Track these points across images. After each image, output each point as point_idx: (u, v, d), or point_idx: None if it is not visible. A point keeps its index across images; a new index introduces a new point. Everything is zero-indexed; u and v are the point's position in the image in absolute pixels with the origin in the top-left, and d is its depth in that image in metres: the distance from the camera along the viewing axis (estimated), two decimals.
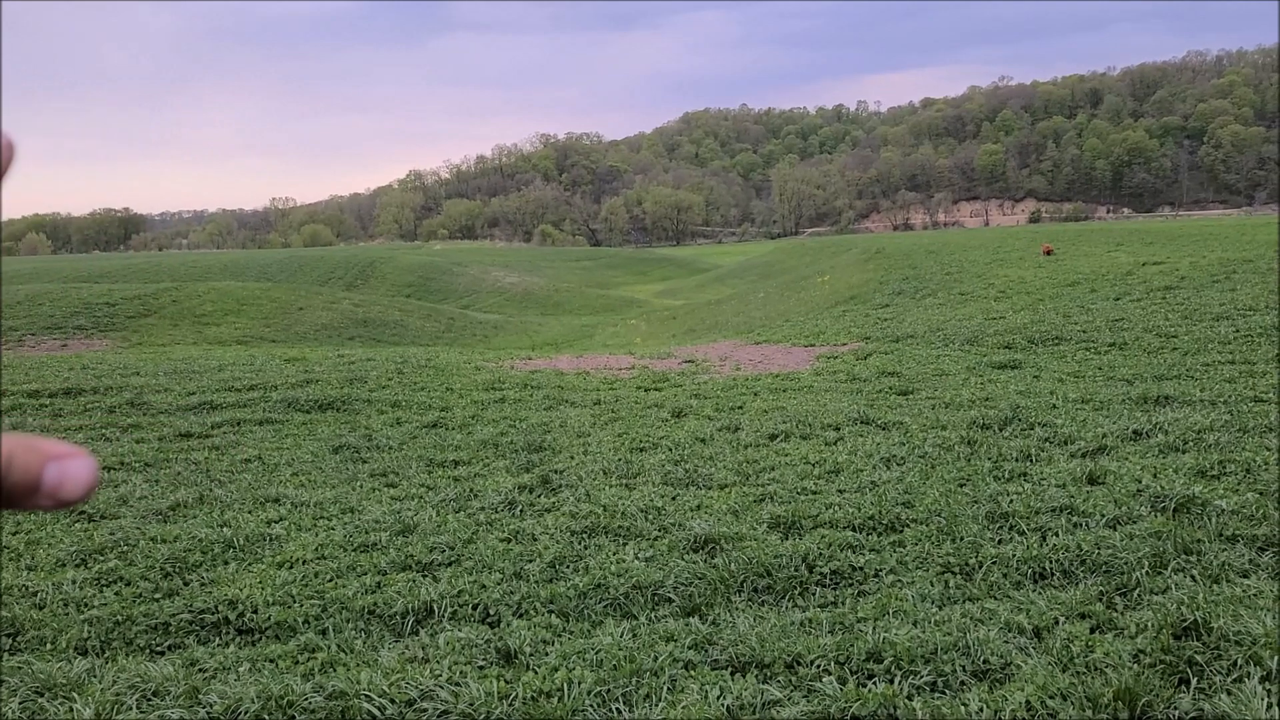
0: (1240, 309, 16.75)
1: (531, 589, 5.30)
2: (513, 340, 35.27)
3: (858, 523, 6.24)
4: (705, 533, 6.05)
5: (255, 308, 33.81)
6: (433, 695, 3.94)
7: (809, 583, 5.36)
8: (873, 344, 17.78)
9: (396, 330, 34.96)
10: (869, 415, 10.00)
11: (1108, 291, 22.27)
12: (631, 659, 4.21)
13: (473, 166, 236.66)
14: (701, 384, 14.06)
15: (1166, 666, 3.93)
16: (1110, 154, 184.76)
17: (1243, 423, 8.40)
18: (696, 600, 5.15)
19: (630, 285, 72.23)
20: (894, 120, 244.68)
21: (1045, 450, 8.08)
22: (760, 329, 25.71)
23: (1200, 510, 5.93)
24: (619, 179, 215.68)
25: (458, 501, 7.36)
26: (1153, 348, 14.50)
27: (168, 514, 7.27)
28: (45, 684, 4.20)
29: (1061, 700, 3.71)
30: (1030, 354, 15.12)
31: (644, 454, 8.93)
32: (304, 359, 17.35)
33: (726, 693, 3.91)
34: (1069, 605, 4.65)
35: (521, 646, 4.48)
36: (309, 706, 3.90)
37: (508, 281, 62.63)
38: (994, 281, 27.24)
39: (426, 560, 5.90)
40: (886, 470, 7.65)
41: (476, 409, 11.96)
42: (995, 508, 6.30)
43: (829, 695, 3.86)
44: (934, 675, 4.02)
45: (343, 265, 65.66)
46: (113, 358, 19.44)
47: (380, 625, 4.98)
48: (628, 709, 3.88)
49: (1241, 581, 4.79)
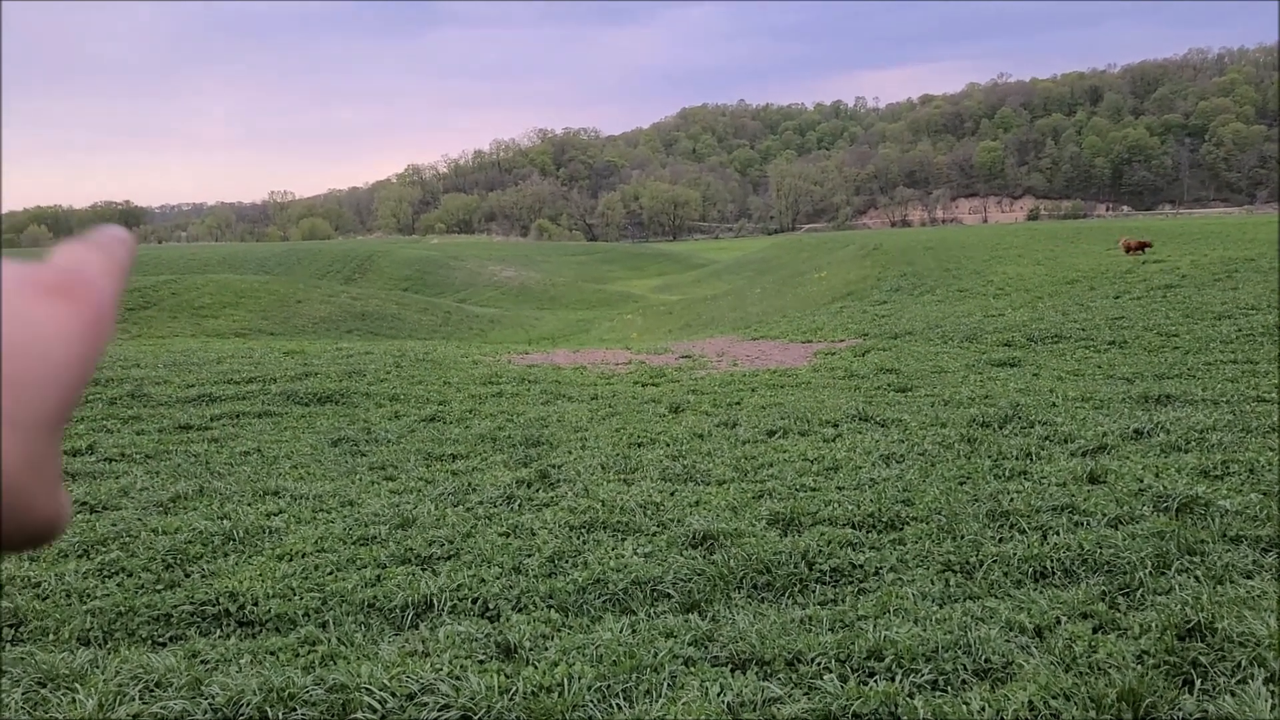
0: (1242, 308, 16.74)
1: (531, 583, 5.29)
2: (509, 334, 35.27)
3: (857, 520, 6.22)
4: (704, 529, 6.03)
5: (254, 300, 33.80)
6: (433, 689, 3.93)
7: (809, 580, 5.34)
8: (871, 340, 17.77)
9: (394, 324, 34.95)
10: (867, 412, 9.98)
11: (1107, 289, 22.26)
12: (631, 655, 4.19)
13: (470, 161, 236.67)
14: (699, 379, 14.05)
15: (1170, 667, 3.92)
16: (1110, 151, 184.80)
17: (1246, 422, 8.39)
18: (696, 596, 5.14)
19: (627, 280, 72.20)
20: (892, 116, 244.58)
21: (1045, 449, 8.06)
22: (757, 325, 25.69)
23: (1203, 510, 5.91)
24: (616, 174, 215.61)
25: (456, 495, 7.34)
26: (1153, 346, 14.48)
27: (168, 505, 7.25)
28: (48, 674, 4.19)
29: (1064, 700, 3.69)
30: (1030, 351, 15.10)
31: (642, 449, 8.91)
32: (302, 352, 17.32)
33: (727, 689, 3.90)
34: (1071, 605, 4.64)
35: (521, 641, 4.46)
36: (310, 699, 3.89)
37: (504, 276, 62.60)
38: (993, 278, 27.23)
39: (426, 554, 5.89)
40: (886, 467, 7.63)
41: (474, 403, 11.94)
42: (996, 506, 6.29)
43: (830, 693, 3.85)
44: (935, 674, 4.01)
45: (341, 259, 65.60)
46: (113, 349, 19.36)
47: (380, 618, 4.96)
48: (628, 705, 3.87)
49: (1245, 583, 4.78)
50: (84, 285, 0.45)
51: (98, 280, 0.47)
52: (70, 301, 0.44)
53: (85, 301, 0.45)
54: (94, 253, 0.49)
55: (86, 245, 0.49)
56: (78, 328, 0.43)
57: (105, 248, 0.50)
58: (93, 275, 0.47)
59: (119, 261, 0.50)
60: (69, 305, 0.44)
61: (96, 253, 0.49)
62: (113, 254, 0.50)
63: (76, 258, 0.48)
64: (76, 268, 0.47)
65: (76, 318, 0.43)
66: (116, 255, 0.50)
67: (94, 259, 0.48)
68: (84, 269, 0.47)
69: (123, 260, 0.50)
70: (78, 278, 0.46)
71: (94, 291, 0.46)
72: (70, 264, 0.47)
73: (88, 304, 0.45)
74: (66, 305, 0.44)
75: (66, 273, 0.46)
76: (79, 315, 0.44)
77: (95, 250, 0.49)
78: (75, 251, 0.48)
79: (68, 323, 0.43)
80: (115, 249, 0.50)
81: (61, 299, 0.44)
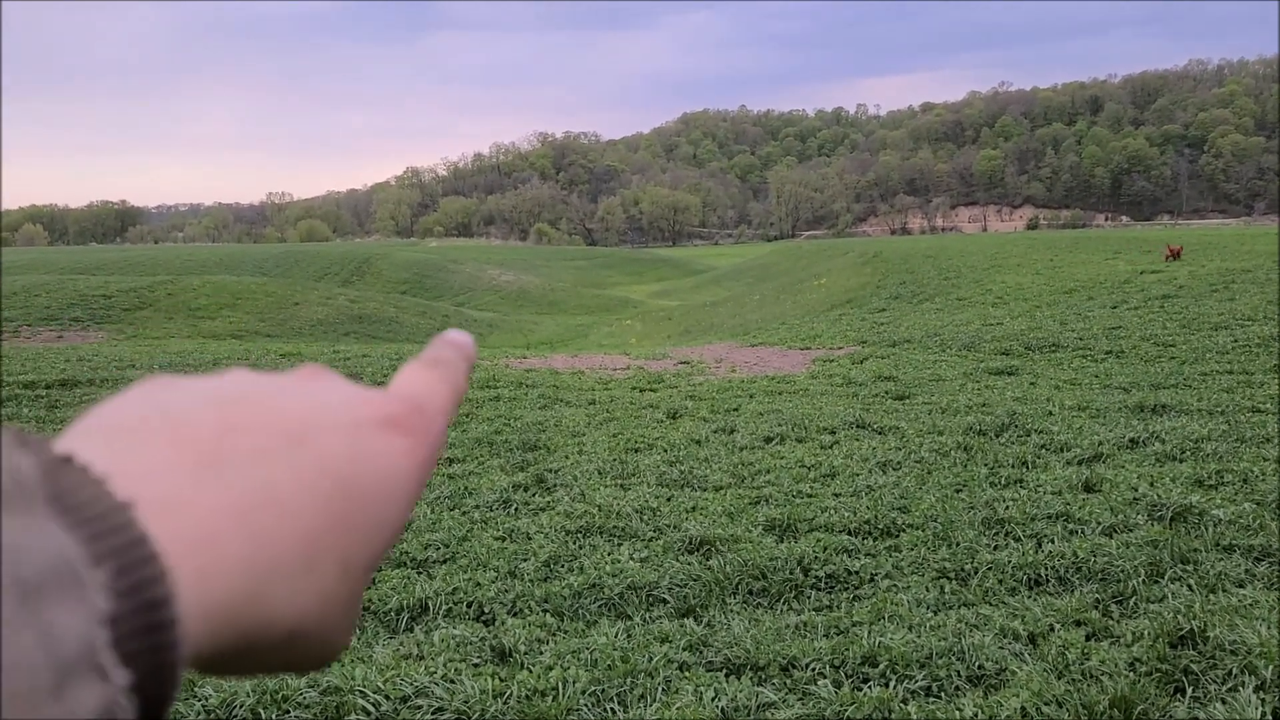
0: (1239, 319, 16.78)
1: (526, 588, 5.29)
2: (508, 339, 35.27)
3: (853, 527, 6.23)
4: (700, 534, 6.04)
5: (251, 302, 33.79)
6: (428, 692, 3.94)
7: (804, 586, 5.35)
8: (869, 348, 17.80)
9: (391, 327, 34.96)
10: (865, 419, 9.99)
11: (1105, 299, 22.31)
12: (626, 659, 4.20)
13: (470, 164, 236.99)
14: (697, 385, 14.06)
15: (1162, 675, 3.93)
16: (1110, 161, 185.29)
17: (1240, 433, 8.41)
18: (691, 602, 5.14)
19: (626, 285, 72.25)
20: (893, 124, 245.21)
21: (1041, 457, 8.08)
22: (756, 331, 25.72)
23: (1197, 519, 5.93)
24: (616, 179, 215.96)
25: (452, 499, 7.34)
26: (1150, 356, 14.51)
27: None
28: None
29: (1057, 707, 3.70)
30: (1027, 360, 15.13)
31: (639, 454, 8.92)
32: (299, 354, 17.33)
33: (721, 694, 3.90)
34: (1064, 612, 4.65)
35: (516, 645, 4.47)
36: (304, 702, 3.89)
37: (503, 280, 62.62)
38: (991, 287, 27.28)
39: (421, 557, 5.89)
40: (882, 475, 7.64)
41: (471, 407, 11.94)
42: (991, 514, 6.29)
43: (824, 698, 3.86)
44: (929, 680, 4.02)
45: (339, 261, 65.55)
46: (108, 350, 19.39)
47: (375, 621, 4.96)
48: (622, 709, 3.87)
49: (1238, 591, 4.80)
50: (423, 419, 0.42)
51: (437, 415, 0.44)
52: (408, 438, 0.41)
53: (423, 441, 0.42)
54: (435, 379, 0.46)
55: (428, 368, 0.46)
56: (413, 468, 0.41)
57: (446, 367, 0.47)
58: (433, 409, 0.44)
59: (459, 385, 0.47)
60: (406, 442, 0.41)
61: (438, 379, 0.46)
62: (455, 377, 0.47)
63: (418, 386, 0.45)
64: (417, 399, 0.44)
65: (412, 457, 0.41)
66: (457, 378, 0.47)
67: (435, 389, 0.45)
68: (425, 401, 0.44)
69: (463, 382, 0.48)
70: (418, 411, 0.43)
71: (432, 428, 0.43)
72: (412, 394, 0.44)
73: (425, 444, 0.42)
74: (404, 442, 0.41)
75: (408, 405, 0.42)
76: (414, 455, 0.41)
77: (437, 375, 0.46)
78: (417, 378, 0.45)
79: (404, 462, 0.40)
80: (456, 369, 0.48)
81: (399, 435, 0.41)
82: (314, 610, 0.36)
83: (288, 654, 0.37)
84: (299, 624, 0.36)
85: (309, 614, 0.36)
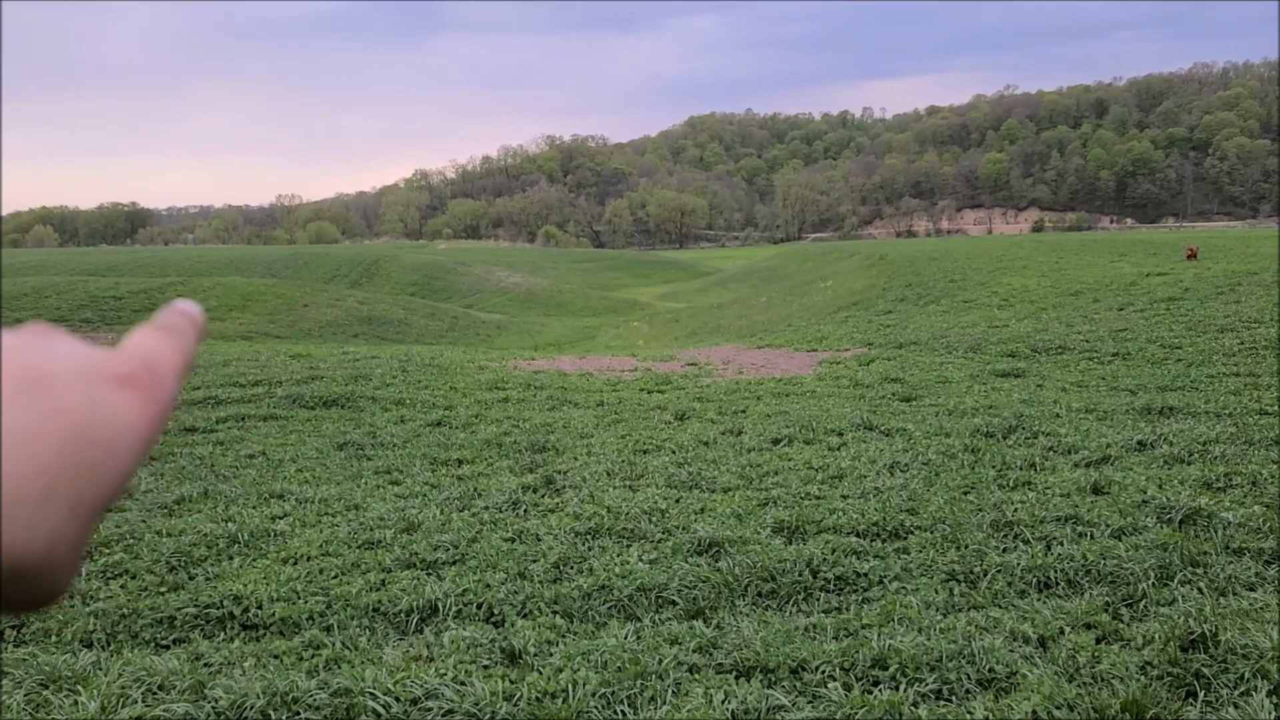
0: (1245, 321, 16.72)
1: (536, 589, 5.30)
2: (516, 340, 35.29)
3: (862, 529, 6.22)
4: (709, 536, 6.04)
5: (260, 304, 33.85)
6: (438, 694, 3.94)
7: (813, 588, 5.35)
8: (876, 350, 17.78)
9: (400, 328, 35.00)
10: (872, 421, 9.98)
11: (1111, 301, 22.26)
12: (636, 661, 4.20)
13: (478, 167, 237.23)
14: (704, 387, 14.05)
15: (1173, 679, 3.92)
16: (1115, 164, 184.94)
17: (1249, 435, 8.38)
18: (701, 603, 5.14)
19: (633, 287, 72.25)
20: (899, 127, 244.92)
21: (1049, 459, 8.06)
22: (763, 333, 25.72)
23: (1206, 522, 5.91)
24: (623, 181, 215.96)
25: (461, 500, 7.35)
26: (1156, 358, 14.47)
27: (173, 508, 7.27)
28: (50, 676, 4.20)
29: (1068, 711, 3.70)
30: (1034, 362, 15.10)
31: (647, 456, 8.92)
32: (309, 355, 17.35)
33: (731, 697, 3.90)
34: (1074, 615, 4.64)
35: (526, 647, 4.47)
36: (314, 703, 3.90)
37: (511, 282, 62.68)
38: (997, 289, 27.24)
39: (431, 559, 5.90)
40: (890, 476, 7.63)
41: (480, 408, 11.95)
42: (1000, 516, 6.29)
43: (834, 701, 3.86)
44: (939, 683, 4.01)
45: (348, 263, 65.64)
46: None
47: (385, 623, 4.97)
48: (632, 711, 3.88)
49: (1248, 595, 4.78)
50: (154, 378, 0.46)
51: (167, 375, 0.48)
52: (139, 393, 0.45)
53: (153, 396, 0.46)
54: (166, 342, 0.50)
55: (158, 332, 0.50)
56: (142, 421, 0.44)
57: (177, 333, 0.51)
58: (163, 368, 0.48)
59: (188, 350, 0.51)
60: (137, 397, 0.45)
61: (168, 341, 0.50)
62: (184, 341, 0.51)
63: (149, 347, 0.49)
64: (149, 358, 0.48)
65: (142, 411, 0.44)
66: (187, 342, 0.51)
67: (166, 350, 0.49)
68: (156, 361, 0.48)
69: (192, 347, 0.51)
70: (149, 370, 0.47)
71: (163, 387, 0.47)
72: (143, 353, 0.48)
73: (155, 399, 0.46)
74: (134, 397, 0.45)
75: (139, 363, 0.47)
76: (145, 410, 0.45)
77: (167, 338, 0.50)
78: (148, 340, 0.49)
79: (134, 415, 0.44)
80: (186, 334, 0.52)
81: (131, 391, 0.45)
82: (43, 547, 0.39)
83: (12, 589, 0.40)
84: (28, 558, 0.39)
85: (38, 550, 0.39)
